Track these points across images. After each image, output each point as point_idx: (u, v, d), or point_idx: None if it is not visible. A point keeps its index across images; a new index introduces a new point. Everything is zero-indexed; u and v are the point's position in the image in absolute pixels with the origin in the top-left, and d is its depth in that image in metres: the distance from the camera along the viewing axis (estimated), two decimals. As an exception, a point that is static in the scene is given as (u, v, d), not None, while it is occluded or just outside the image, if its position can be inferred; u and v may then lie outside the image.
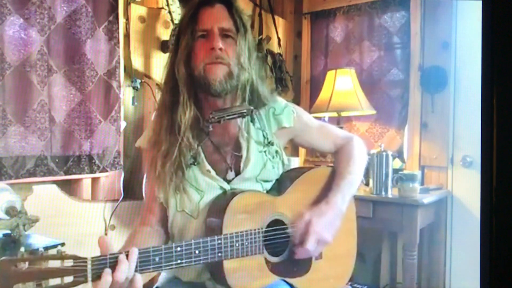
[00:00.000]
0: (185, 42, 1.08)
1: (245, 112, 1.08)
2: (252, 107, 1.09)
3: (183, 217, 1.09)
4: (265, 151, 1.14)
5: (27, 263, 0.80)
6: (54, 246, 1.40)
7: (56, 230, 1.57)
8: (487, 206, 1.10)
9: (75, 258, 0.83)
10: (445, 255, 2.26)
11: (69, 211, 1.73)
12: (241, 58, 1.09)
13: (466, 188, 2.24)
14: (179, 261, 0.93)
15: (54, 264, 0.81)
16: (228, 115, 1.07)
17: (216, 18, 1.08)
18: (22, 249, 0.78)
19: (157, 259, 0.91)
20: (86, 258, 0.84)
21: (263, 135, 1.15)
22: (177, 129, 1.07)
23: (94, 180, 1.90)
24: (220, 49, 1.05)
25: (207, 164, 1.09)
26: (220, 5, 1.09)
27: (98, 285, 0.84)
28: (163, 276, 1.18)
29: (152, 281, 1.25)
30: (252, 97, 1.12)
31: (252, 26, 2.45)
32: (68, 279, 0.82)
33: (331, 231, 1.09)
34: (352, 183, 1.17)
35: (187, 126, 1.07)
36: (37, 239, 1.40)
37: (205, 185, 1.08)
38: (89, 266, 0.83)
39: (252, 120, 1.13)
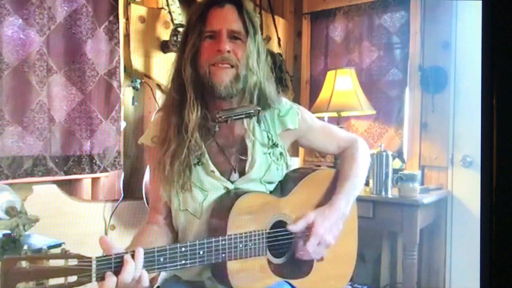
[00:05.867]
0: (192, 41, 1.06)
1: (252, 113, 1.07)
2: (259, 108, 1.08)
3: (186, 216, 1.09)
4: (269, 153, 1.13)
5: (29, 261, 0.79)
6: (54, 246, 1.40)
7: (56, 230, 1.57)
8: (487, 206, 1.10)
9: (79, 257, 0.82)
10: (445, 255, 2.26)
11: (69, 211, 1.72)
12: (249, 61, 1.07)
13: (466, 188, 2.24)
14: (183, 262, 0.93)
15: (58, 263, 0.81)
16: (235, 115, 1.06)
17: (225, 20, 1.06)
18: (26, 247, 0.77)
19: (161, 259, 0.91)
20: (90, 258, 0.83)
21: (268, 137, 1.14)
22: (184, 129, 1.06)
23: (94, 180, 1.90)
24: (228, 51, 1.04)
25: (211, 165, 1.09)
26: (230, 5, 1.07)
27: (103, 286, 0.83)
28: (162, 275, 1.18)
29: (152, 281, 1.25)
30: (259, 100, 1.11)
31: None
32: (72, 278, 0.81)
33: (334, 234, 1.10)
34: (356, 186, 1.17)
35: (195, 126, 1.06)
36: (37, 239, 1.40)
37: (209, 185, 1.08)
38: (93, 266, 0.82)
39: (259, 121, 1.12)
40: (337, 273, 1.19)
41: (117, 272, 0.85)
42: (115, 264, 0.85)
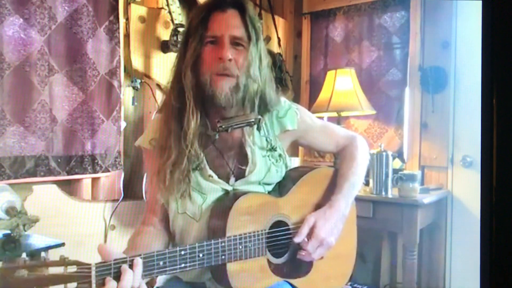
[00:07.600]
0: (193, 46, 1.03)
1: (252, 121, 1.06)
2: (260, 117, 1.06)
3: (185, 219, 1.08)
4: (268, 156, 1.12)
5: (28, 270, 0.78)
6: (54, 246, 1.40)
7: (56, 230, 1.57)
8: (487, 206, 1.11)
9: (78, 264, 0.81)
10: (445, 255, 2.26)
11: (69, 211, 1.72)
12: (251, 69, 1.04)
13: (466, 188, 2.24)
14: (183, 265, 0.93)
15: (57, 270, 0.80)
16: (236, 124, 1.04)
17: (228, 25, 1.03)
18: (24, 255, 0.76)
19: (161, 263, 0.90)
20: (90, 264, 0.82)
21: (267, 140, 1.13)
22: (183, 137, 1.03)
23: (94, 180, 1.90)
24: (230, 59, 1.01)
25: (209, 170, 1.08)
26: (233, 10, 1.04)
27: None
28: (163, 276, 1.18)
29: (152, 282, 1.24)
30: (260, 106, 1.09)
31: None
32: (72, 285, 0.80)
33: (335, 235, 1.09)
34: (355, 185, 1.17)
35: (195, 135, 1.04)
36: (37, 239, 1.40)
37: (208, 189, 1.08)
38: (93, 273, 0.82)
39: (259, 129, 1.10)
40: (337, 273, 1.19)
41: (116, 278, 0.84)
42: (115, 270, 0.84)
